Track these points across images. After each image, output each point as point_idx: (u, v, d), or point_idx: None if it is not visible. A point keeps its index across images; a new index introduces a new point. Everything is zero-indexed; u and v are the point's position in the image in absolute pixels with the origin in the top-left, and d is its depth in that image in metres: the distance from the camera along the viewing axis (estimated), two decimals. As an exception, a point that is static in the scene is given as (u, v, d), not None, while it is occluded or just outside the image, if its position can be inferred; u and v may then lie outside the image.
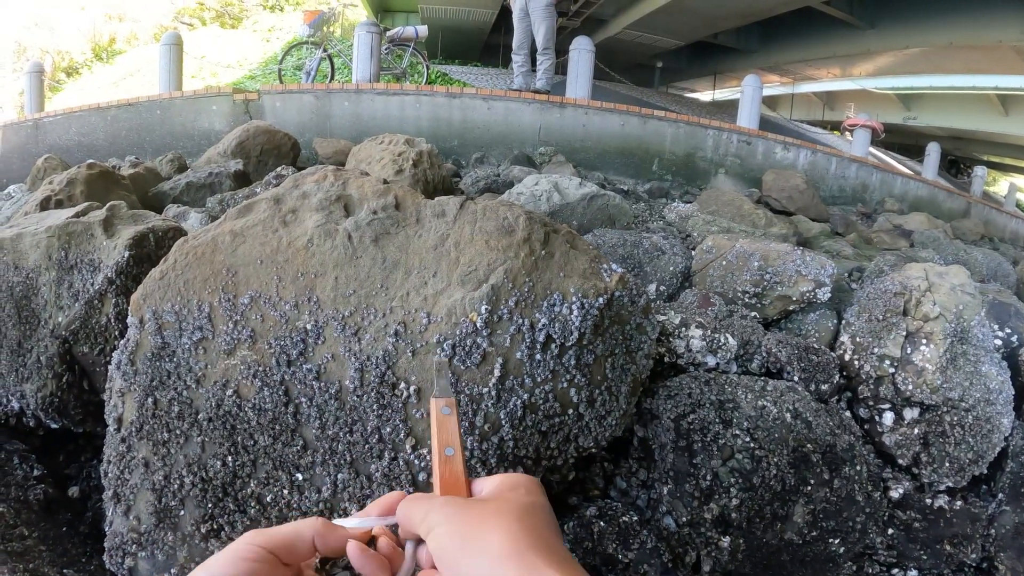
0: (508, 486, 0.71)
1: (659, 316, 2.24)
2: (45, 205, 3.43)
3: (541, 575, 0.56)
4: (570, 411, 1.43)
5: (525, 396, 1.35)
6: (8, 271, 2.00)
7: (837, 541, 1.86)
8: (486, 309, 1.32)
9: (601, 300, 1.44)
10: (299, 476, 1.35)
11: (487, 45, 18.93)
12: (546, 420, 1.39)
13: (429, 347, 1.33)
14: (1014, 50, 14.56)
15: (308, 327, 1.36)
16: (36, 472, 1.93)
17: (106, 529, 1.48)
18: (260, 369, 1.36)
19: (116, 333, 1.92)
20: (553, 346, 1.38)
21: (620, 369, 1.54)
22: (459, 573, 0.60)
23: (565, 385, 1.41)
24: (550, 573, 0.56)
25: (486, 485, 0.74)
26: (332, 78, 10.65)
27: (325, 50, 10.55)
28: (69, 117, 8.21)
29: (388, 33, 10.93)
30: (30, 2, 18.77)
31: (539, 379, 1.37)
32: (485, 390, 1.32)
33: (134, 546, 1.42)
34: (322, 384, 1.34)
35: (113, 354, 1.53)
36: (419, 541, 0.70)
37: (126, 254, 1.95)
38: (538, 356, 1.36)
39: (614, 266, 1.55)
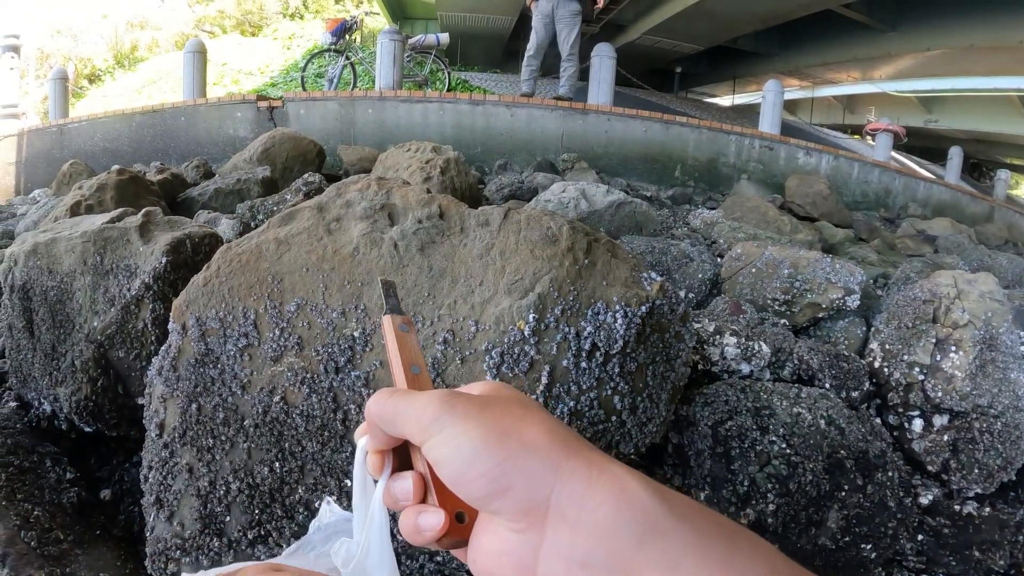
0: (499, 386, 0.58)
1: (694, 324, 2.24)
2: (75, 210, 3.47)
3: (580, 456, 0.48)
4: (613, 418, 1.43)
5: (571, 403, 1.36)
6: (42, 275, 2.02)
7: (869, 547, 1.85)
8: (533, 317, 1.33)
9: (643, 309, 1.44)
10: (348, 482, 1.36)
11: (506, 51, 18.92)
12: (591, 427, 1.39)
13: (478, 355, 1.34)
14: (1036, 52, 14.37)
15: (356, 334, 1.37)
16: (69, 475, 1.94)
17: (147, 534, 1.49)
18: (308, 376, 1.37)
19: (153, 338, 1.93)
20: (598, 354, 1.39)
21: (660, 376, 1.54)
22: (488, 475, 0.49)
23: (609, 392, 1.41)
24: (586, 452, 0.48)
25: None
26: (354, 85, 10.70)
27: (347, 58, 10.59)
28: (94, 123, 8.32)
29: (410, 41, 10.98)
30: (53, 10, 19.02)
31: (585, 386, 1.38)
32: (533, 397, 1.32)
33: (178, 551, 1.43)
34: (371, 391, 1.34)
35: (152, 360, 1.54)
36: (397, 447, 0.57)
37: (164, 260, 1.95)
38: (584, 364, 1.37)
39: (654, 275, 1.55)
